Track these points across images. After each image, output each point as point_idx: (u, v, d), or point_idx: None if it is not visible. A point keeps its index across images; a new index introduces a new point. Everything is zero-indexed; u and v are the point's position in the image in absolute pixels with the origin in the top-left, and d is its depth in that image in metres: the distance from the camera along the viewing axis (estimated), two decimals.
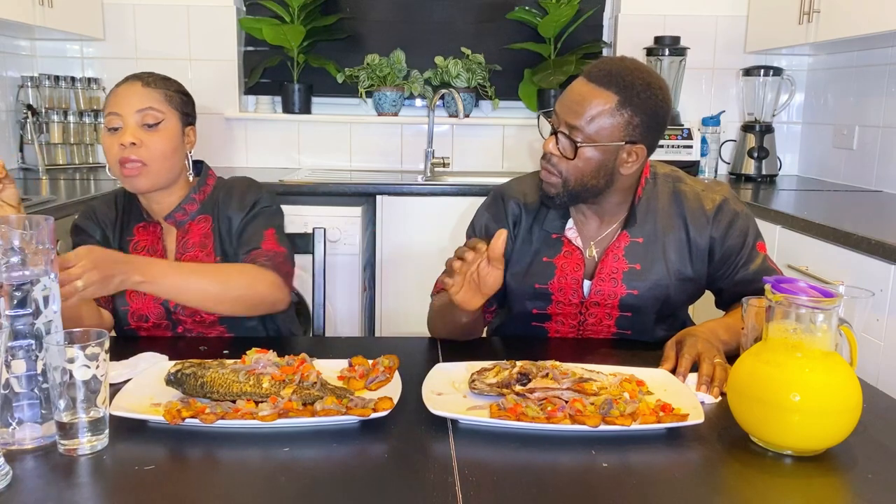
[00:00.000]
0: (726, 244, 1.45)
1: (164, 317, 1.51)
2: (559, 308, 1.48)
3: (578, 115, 1.33)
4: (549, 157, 1.39)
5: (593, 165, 1.36)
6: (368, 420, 1.03)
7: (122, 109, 1.45)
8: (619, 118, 1.33)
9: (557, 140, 1.37)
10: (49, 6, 2.72)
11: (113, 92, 1.48)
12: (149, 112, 1.45)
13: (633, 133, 1.35)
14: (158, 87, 1.49)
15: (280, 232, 1.55)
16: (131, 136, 1.44)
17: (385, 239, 2.88)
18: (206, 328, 1.53)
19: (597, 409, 1.04)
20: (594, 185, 1.39)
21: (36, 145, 3.06)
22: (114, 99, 1.47)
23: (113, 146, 1.45)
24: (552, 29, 3.30)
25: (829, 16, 2.68)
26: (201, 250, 1.53)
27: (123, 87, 1.48)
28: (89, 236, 1.54)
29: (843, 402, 0.96)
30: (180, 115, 1.51)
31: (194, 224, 1.55)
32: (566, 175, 1.37)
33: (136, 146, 1.44)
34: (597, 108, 1.33)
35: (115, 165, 1.46)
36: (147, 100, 1.46)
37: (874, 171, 2.91)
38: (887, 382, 1.75)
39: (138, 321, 1.51)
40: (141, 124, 1.45)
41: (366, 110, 3.53)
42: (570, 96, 1.36)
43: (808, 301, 0.98)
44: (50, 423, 0.99)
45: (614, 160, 1.37)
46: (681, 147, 3.13)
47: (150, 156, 1.45)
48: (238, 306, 1.42)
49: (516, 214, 1.52)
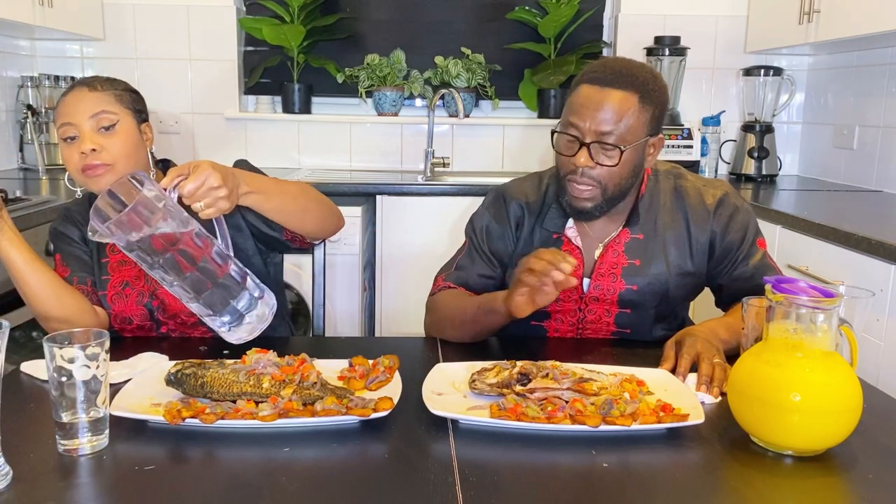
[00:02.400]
0: (727, 238, 1.46)
1: (148, 318, 1.50)
2: (559, 305, 1.48)
3: (609, 122, 1.34)
4: (584, 170, 1.37)
5: (630, 167, 1.38)
6: (368, 420, 1.03)
7: (75, 118, 1.41)
8: (643, 115, 1.36)
9: (591, 153, 1.36)
10: (49, 6, 2.72)
11: (62, 102, 1.43)
12: (103, 115, 1.42)
13: (653, 126, 1.38)
14: (106, 89, 1.45)
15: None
16: (90, 142, 1.40)
17: (385, 239, 2.88)
18: (188, 329, 1.51)
19: (597, 409, 1.04)
20: (629, 186, 1.41)
21: (36, 145, 3.06)
22: (64, 109, 1.42)
23: (73, 156, 1.41)
24: (552, 29, 3.30)
25: (829, 16, 2.68)
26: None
27: (71, 96, 1.43)
28: (71, 239, 1.53)
29: (844, 402, 0.96)
30: (133, 113, 1.48)
31: None
32: (606, 183, 1.38)
33: (96, 152, 1.40)
34: (624, 110, 1.34)
35: (78, 174, 1.42)
36: (98, 103, 1.42)
37: (874, 171, 2.91)
38: (887, 382, 1.75)
39: (122, 323, 1.50)
40: (97, 129, 1.42)
41: (366, 110, 3.53)
42: (590, 106, 1.34)
43: (809, 301, 0.98)
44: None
45: (643, 156, 1.40)
46: (681, 147, 3.13)
47: (112, 158, 1.42)
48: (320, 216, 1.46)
49: (519, 216, 1.52)
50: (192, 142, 3.40)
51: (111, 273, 1.50)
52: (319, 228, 1.48)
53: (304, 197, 1.41)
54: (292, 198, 1.38)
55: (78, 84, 1.46)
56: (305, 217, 1.42)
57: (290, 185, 1.40)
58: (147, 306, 1.49)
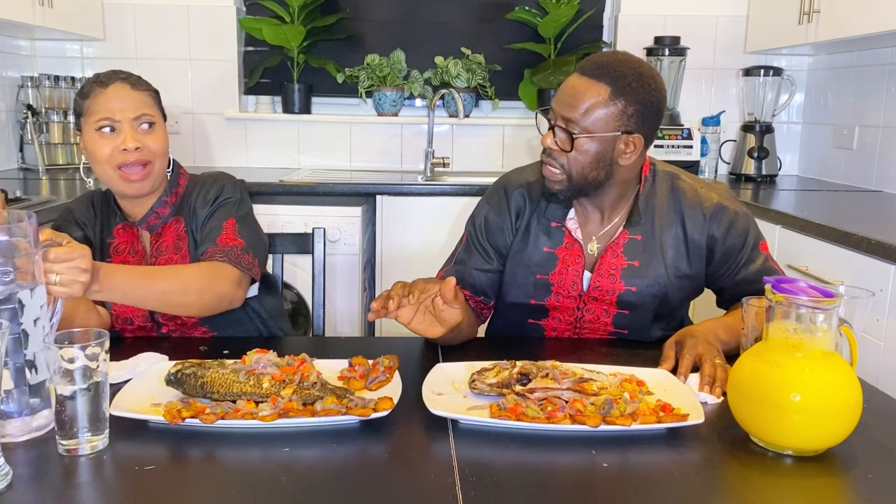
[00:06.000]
0: (727, 244, 1.46)
1: (148, 319, 1.50)
2: (558, 300, 1.48)
3: (573, 108, 1.35)
4: (549, 151, 1.40)
5: (592, 157, 1.37)
6: (368, 420, 1.03)
7: (118, 114, 1.43)
8: (612, 108, 1.35)
9: (555, 134, 1.38)
10: (49, 6, 2.72)
11: (100, 94, 1.44)
12: (144, 116, 1.46)
13: (628, 123, 1.36)
14: (144, 89, 1.49)
15: (242, 222, 1.51)
16: (133, 139, 1.43)
17: (385, 239, 2.88)
18: (188, 329, 1.52)
19: (597, 409, 1.04)
20: (594, 178, 1.40)
21: (36, 145, 3.06)
22: (105, 103, 1.44)
23: (106, 148, 1.43)
24: (552, 29, 3.30)
25: (829, 16, 2.68)
26: (175, 252, 1.52)
27: (113, 91, 1.45)
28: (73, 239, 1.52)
29: (843, 402, 0.96)
30: (162, 115, 1.52)
31: (167, 227, 1.53)
32: (567, 168, 1.39)
33: (139, 150, 1.44)
34: (590, 99, 1.34)
35: (109, 167, 1.44)
36: (142, 104, 1.46)
37: (874, 171, 2.91)
38: (887, 382, 1.75)
39: (123, 323, 1.51)
40: (138, 127, 1.45)
41: (366, 110, 3.53)
42: (564, 91, 1.38)
43: (809, 301, 0.98)
44: (39, 414, 1.00)
45: (612, 151, 1.38)
46: (681, 147, 3.13)
47: (153, 156, 1.46)
48: (198, 308, 1.40)
49: (520, 205, 1.52)
50: (192, 142, 3.40)
51: None
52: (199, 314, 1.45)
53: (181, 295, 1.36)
54: (158, 298, 1.35)
55: (117, 79, 1.47)
56: (180, 310, 1.41)
57: (165, 283, 1.35)
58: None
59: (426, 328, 1.32)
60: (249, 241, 1.49)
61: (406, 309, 1.29)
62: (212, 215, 1.51)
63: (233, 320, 1.54)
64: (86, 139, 1.47)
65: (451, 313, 1.31)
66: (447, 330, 1.32)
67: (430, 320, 1.32)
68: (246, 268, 1.46)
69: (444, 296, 1.28)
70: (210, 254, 1.45)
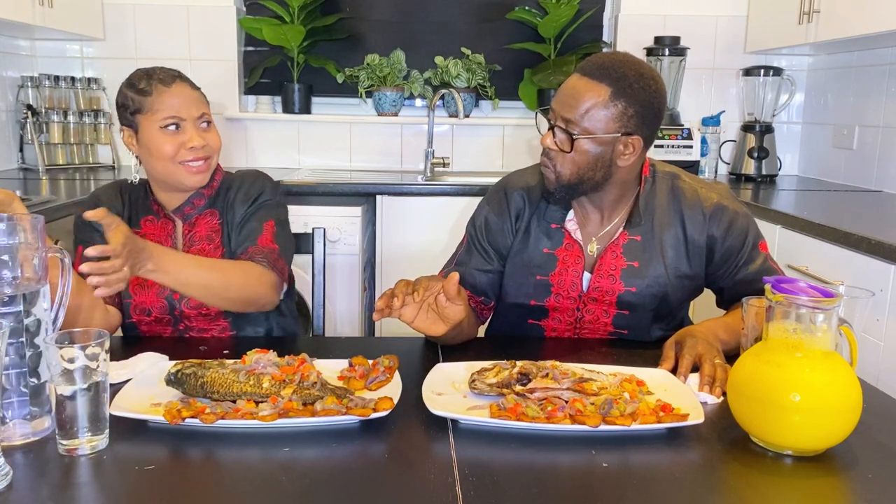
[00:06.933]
0: (726, 244, 1.46)
1: (167, 311, 1.52)
2: (557, 301, 1.48)
3: (573, 109, 1.35)
4: (548, 151, 1.41)
5: (591, 158, 1.37)
6: (368, 420, 1.03)
7: (182, 112, 1.49)
8: (613, 110, 1.35)
9: (554, 135, 1.38)
10: (49, 6, 2.72)
11: (164, 92, 1.49)
12: (204, 115, 1.53)
13: (628, 124, 1.36)
14: (198, 88, 1.56)
15: (280, 227, 1.56)
16: (199, 137, 1.50)
17: (385, 239, 2.88)
18: (210, 322, 1.54)
19: (597, 409, 1.04)
20: (592, 178, 1.40)
21: (36, 145, 3.06)
22: (170, 101, 1.48)
23: (169, 144, 1.48)
24: (552, 29, 3.30)
25: (829, 16, 2.68)
26: (208, 244, 1.55)
27: (177, 90, 1.50)
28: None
29: (843, 402, 0.96)
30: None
31: (201, 218, 1.57)
32: (565, 169, 1.39)
33: (205, 147, 1.51)
34: (590, 100, 1.34)
35: (170, 162, 1.49)
36: (201, 103, 1.53)
37: (874, 171, 2.91)
38: (887, 382, 1.75)
39: (140, 314, 1.52)
40: (199, 125, 1.52)
41: (366, 110, 3.53)
42: (564, 91, 1.38)
43: (809, 301, 0.98)
44: (39, 419, 1.00)
45: (611, 152, 1.38)
46: (681, 147, 3.13)
47: (212, 152, 1.53)
48: (235, 303, 1.46)
49: (520, 207, 1.52)
50: None
51: None
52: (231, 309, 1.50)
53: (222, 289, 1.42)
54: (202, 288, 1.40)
55: (177, 77, 1.52)
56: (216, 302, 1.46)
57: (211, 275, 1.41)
58: (168, 299, 1.51)
59: (429, 326, 1.32)
60: (283, 246, 1.55)
61: (409, 307, 1.29)
62: (253, 215, 1.55)
63: (252, 318, 1.57)
64: (146, 136, 1.50)
65: (455, 310, 1.31)
66: (450, 328, 1.32)
67: (434, 318, 1.32)
68: (279, 272, 1.51)
69: (448, 292, 1.28)
70: (251, 254, 1.49)
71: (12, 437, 0.98)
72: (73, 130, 3.24)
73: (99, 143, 3.35)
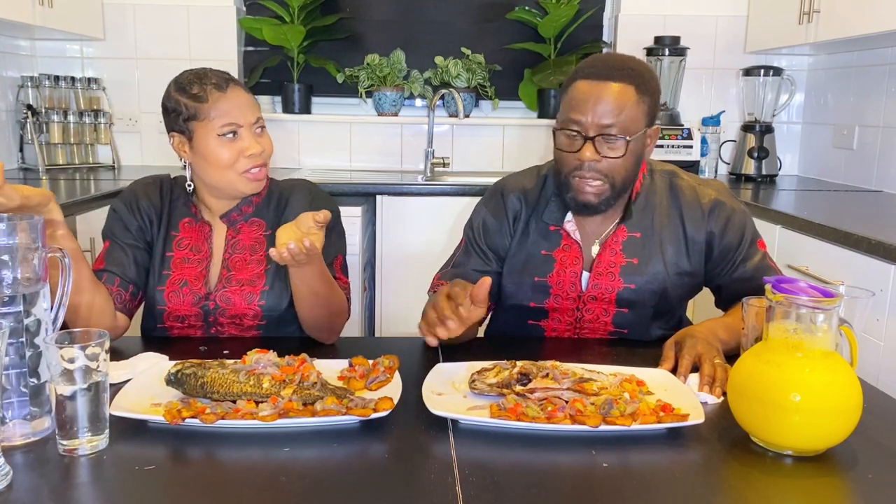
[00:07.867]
0: (724, 240, 1.46)
1: (202, 318, 1.48)
2: (557, 302, 1.48)
3: (611, 114, 1.35)
4: (593, 165, 1.38)
5: (634, 158, 1.40)
6: (368, 420, 1.03)
7: (241, 119, 1.44)
8: (642, 105, 1.38)
9: (596, 146, 1.37)
10: (49, 6, 2.72)
11: (220, 98, 1.43)
12: (259, 120, 1.49)
13: (650, 116, 1.40)
14: (249, 92, 1.51)
15: (344, 258, 1.57)
16: (256, 143, 1.46)
17: (385, 239, 2.88)
18: (242, 331, 1.50)
19: (597, 409, 1.04)
20: (633, 177, 1.44)
21: (36, 145, 3.06)
22: (227, 108, 1.43)
23: (228, 152, 1.43)
24: (552, 29, 3.31)
25: (829, 16, 2.68)
26: (251, 254, 1.50)
27: (232, 95, 1.44)
28: (126, 228, 1.49)
29: (843, 402, 0.96)
30: None
31: (246, 226, 1.52)
32: (612, 175, 1.39)
33: (263, 153, 1.48)
34: (624, 101, 1.36)
35: (230, 171, 1.44)
36: (255, 108, 1.49)
37: (874, 171, 2.91)
38: (887, 382, 1.75)
39: (174, 321, 1.49)
40: (254, 131, 1.48)
41: (366, 110, 3.53)
42: (591, 100, 1.35)
43: (809, 301, 0.98)
44: (39, 419, 1.00)
45: (643, 147, 1.42)
46: (681, 147, 3.13)
47: (268, 158, 1.51)
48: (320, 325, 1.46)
49: (517, 209, 1.52)
50: None
51: (173, 269, 1.49)
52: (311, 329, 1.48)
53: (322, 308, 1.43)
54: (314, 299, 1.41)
55: (227, 82, 1.46)
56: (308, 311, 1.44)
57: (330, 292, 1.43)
58: (203, 308, 1.47)
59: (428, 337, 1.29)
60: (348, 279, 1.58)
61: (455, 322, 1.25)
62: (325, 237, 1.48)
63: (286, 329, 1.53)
64: (202, 143, 1.44)
65: (477, 312, 1.27)
66: (467, 328, 1.29)
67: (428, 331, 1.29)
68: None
69: (478, 296, 1.24)
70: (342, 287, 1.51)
71: (12, 437, 0.98)
72: (73, 130, 3.24)
73: (99, 143, 3.35)
